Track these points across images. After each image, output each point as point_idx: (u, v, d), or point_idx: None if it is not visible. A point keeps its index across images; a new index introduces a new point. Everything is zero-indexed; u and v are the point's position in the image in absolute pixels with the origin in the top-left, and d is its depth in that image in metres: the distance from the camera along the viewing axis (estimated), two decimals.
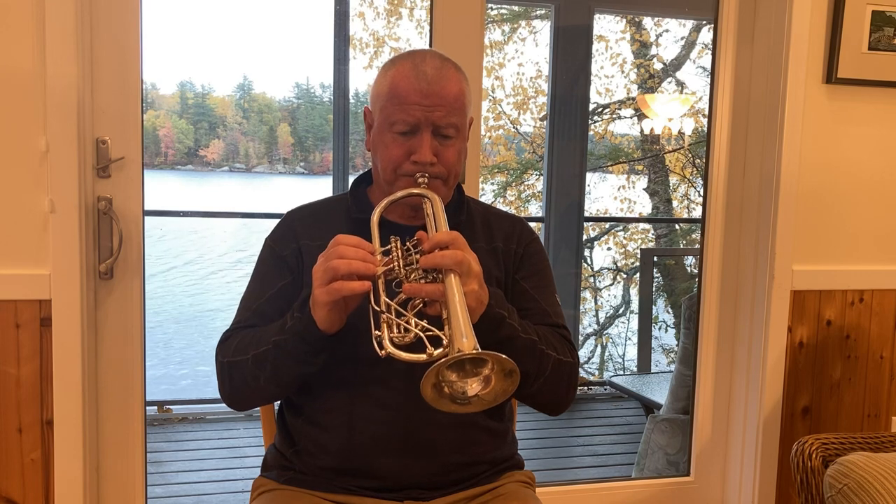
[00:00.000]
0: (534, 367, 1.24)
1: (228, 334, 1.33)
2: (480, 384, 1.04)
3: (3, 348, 1.79)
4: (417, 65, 1.27)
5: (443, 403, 1.05)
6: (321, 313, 1.16)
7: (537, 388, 1.27)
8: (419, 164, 1.27)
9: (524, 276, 1.39)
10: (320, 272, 1.15)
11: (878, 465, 1.49)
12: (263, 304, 1.34)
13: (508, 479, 1.40)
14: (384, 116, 1.29)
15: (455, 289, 1.08)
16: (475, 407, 1.06)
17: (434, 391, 1.03)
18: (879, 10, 2.19)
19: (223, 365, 1.30)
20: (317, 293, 1.15)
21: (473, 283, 1.13)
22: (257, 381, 1.26)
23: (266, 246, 1.40)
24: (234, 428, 4.07)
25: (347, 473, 1.32)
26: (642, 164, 6.10)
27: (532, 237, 1.44)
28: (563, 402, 1.33)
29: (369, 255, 1.15)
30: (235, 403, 1.35)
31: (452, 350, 1.01)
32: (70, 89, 1.76)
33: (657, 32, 5.91)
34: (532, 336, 1.25)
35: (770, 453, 2.30)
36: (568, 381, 1.31)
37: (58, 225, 1.78)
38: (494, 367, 1.03)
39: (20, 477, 1.84)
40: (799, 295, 2.28)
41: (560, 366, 1.28)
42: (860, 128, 2.28)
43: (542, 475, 1.80)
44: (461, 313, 1.05)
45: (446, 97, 1.27)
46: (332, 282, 1.12)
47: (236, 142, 7.57)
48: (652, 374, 4.76)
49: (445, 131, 1.28)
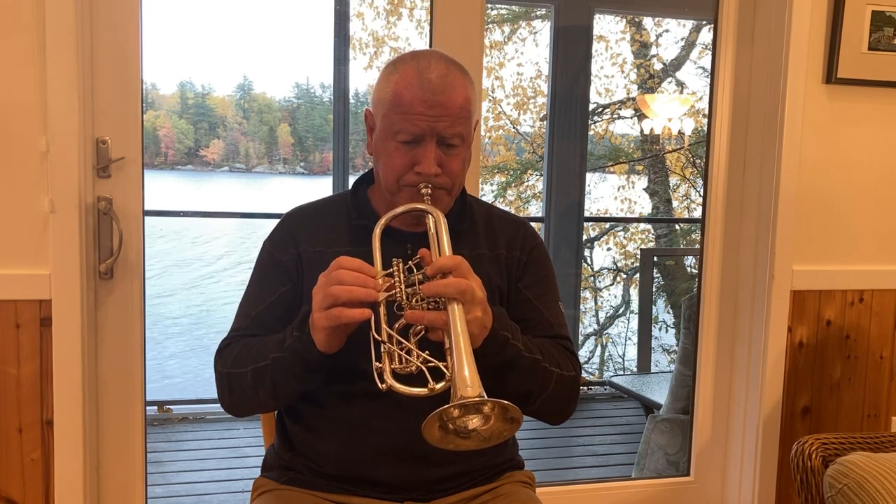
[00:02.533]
0: (536, 386, 1.23)
1: (227, 342, 1.32)
2: (480, 420, 1.03)
3: (3, 348, 1.79)
4: (422, 71, 1.23)
5: (445, 441, 1.04)
6: (320, 337, 1.14)
7: (539, 405, 1.26)
8: (423, 175, 1.23)
9: (527, 285, 1.36)
10: (320, 296, 1.12)
11: (877, 465, 1.49)
12: (262, 312, 1.32)
13: (508, 480, 1.39)
14: (387, 124, 1.25)
15: (458, 318, 1.06)
16: (473, 442, 1.04)
17: (440, 431, 1.02)
18: (879, 10, 2.19)
19: (222, 375, 1.28)
20: (316, 317, 1.13)
21: (477, 310, 1.11)
22: (256, 394, 1.25)
23: (265, 249, 1.38)
24: (234, 428, 4.07)
25: (346, 480, 1.31)
26: (642, 164, 6.10)
27: (536, 242, 1.41)
28: (565, 415, 1.32)
29: (370, 280, 1.12)
30: (235, 412, 1.34)
31: (454, 396, 1.00)
32: (70, 89, 1.76)
33: (657, 32, 5.92)
34: (535, 355, 1.23)
35: (770, 453, 2.30)
36: (570, 395, 1.30)
37: (58, 225, 1.78)
38: (496, 409, 1.02)
39: (20, 477, 1.84)
40: (799, 295, 2.28)
41: (562, 381, 1.27)
42: (860, 128, 2.28)
43: (542, 475, 1.80)
44: (464, 348, 1.03)
45: (452, 107, 1.22)
46: (332, 307, 1.10)
47: (236, 142, 7.57)
48: (652, 374, 4.76)
49: (451, 141, 1.24)
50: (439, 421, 1.01)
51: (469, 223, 1.38)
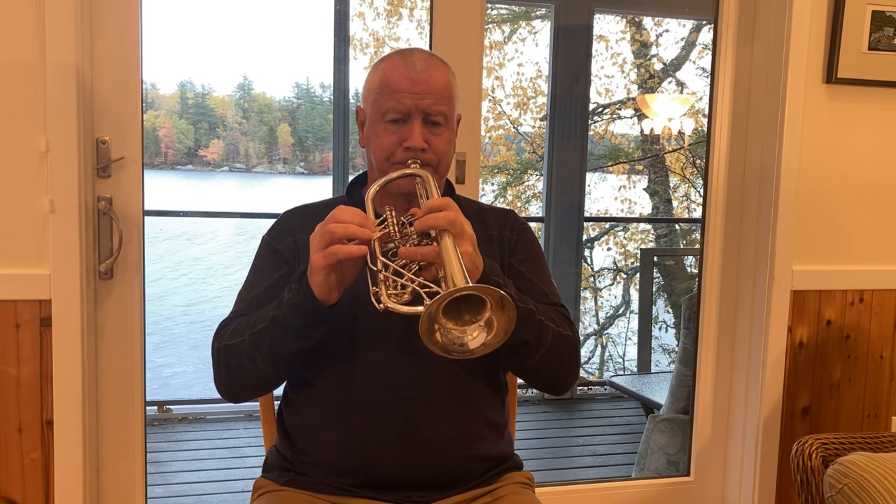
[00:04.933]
0: (533, 336, 1.25)
1: (225, 323, 1.34)
2: (483, 330, 1.05)
3: (3, 348, 1.80)
4: (406, 57, 1.33)
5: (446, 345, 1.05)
6: (318, 279, 1.16)
7: (539, 361, 1.27)
8: (411, 150, 1.30)
9: (520, 260, 1.41)
10: (317, 237, 1.17)
11: (878, 465, 1.49)
12: (260, 294, 1.35)
13: (508, 481, 1.39)
14: (376, 108, 1.33)
15: (450, 247, 1.10)
16: (477, 335, 1.06)
17: (438, 339, 1.04)
18: (879, 10, 2.19)
19: (219, 350, 1.29)
20: (314, 258, 1.16)
21: (467, 244, 1.16)
22: (254, 361, 1.25)
23: (263, 242, 1.42)
24: (234, 428, 4.07)
25: (345, 472, 1.31)
26: (642, 164, 6.10)
27: (524, 226, 1.47)
28: (567, 379, 1.33)
29: (365, 220, 1.18)
30: (231, 392, 1.33)
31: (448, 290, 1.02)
32: (70, 89, 1.76)
33: (657, 32, 5.92)
34: (529, 306, 1.26)
35: (770, 453, 2.30)
36: (570, 357, 1.31)
37: (58, 225, 1.78)
38: (492, 306, 1.04)
39: (20, 477, 1.84)
40: (799, 295, 2.28)
41: (560, 338, 1.29)
42: (860, 128, 2.28)
43: (542, 475, 1.80)
44: (456, 264, 1.06)
45: (435, 85, 1.31)
46: (329, 245, 1.14)
47: (236, 142, 7.57)
48: (652, 374, 4.76)
49: (435, 118, 1.32)
50: (430, 321, 1.02)
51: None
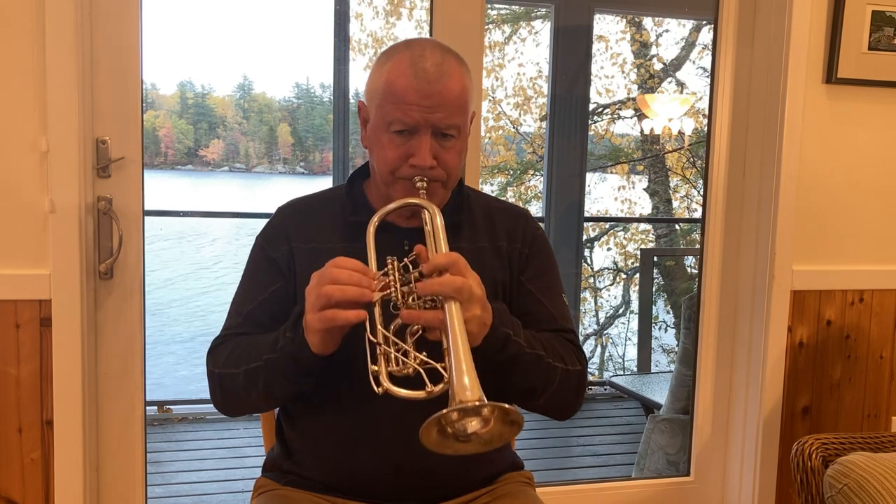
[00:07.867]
0: (540, 382, 1.21)
1: (219, 341, 1.30)
2: (480, 424, 1.00)
3: (3, 348, 1.79)
4: (416, 60, 1.18)
5: (444, 445, 1.00)
6: (314, 339, 1.11)
7: (544, 401, 1.24)
8: (417, 167, 1.19)
9: (529, 278, 1.33)
10: (313, 296, 1.09)
11: (878, 465, 1.49)
12: (255, 310, 1.30)
13: (507, 480, 1.39)
14: (380, 115, 1.21)
15: (455, 317, 1.02)
16: (473, 446, 1.01)
17: (438, 435, 0.99)
18: (879, 10, 2.19)
19: (214, 375, 1.26)
20: (309, 319, 1.10)
21: (476, 307, 1.08)
22: (249, 395, 1.23)
23: (257, 245, 1.35)
24: (234, 428, 4.07)
25: (344, 489, 1.30)
26: (642, 164, 6.10)
27: (537, 233, 1.38)
28: (571, 410, 1.29)
29: (365, 279, 1.09)
30: (227, 411, 1.31)
31: (453, 401, 0.97)
32: (70, 89, 1.75)
33: (657, 32, 5.92)
34: (538, 350, 1.20)
35: (770, 453, 2.30)
36: (576, 390, 1.27)
37: (58, 225, 1.78)
38: (496, 412, 0.98)
39: (20, 477, 1.84)
40: (799, 295, 2.28)
41: (568, 376, 1.24)
42: (860, 128, 2.28)
43: (542, 475, 1.80)
44: (462, 348, 1.00)
45: (448, 97, 1.18)
46: (326, 309, 1.07)
47: (236, 142, 7.57)
48: (652, 374, 4.76)
49: (447, 132, 1.20)
50: (437, 426, 0.97)
51: (467, 215, 1.34)
